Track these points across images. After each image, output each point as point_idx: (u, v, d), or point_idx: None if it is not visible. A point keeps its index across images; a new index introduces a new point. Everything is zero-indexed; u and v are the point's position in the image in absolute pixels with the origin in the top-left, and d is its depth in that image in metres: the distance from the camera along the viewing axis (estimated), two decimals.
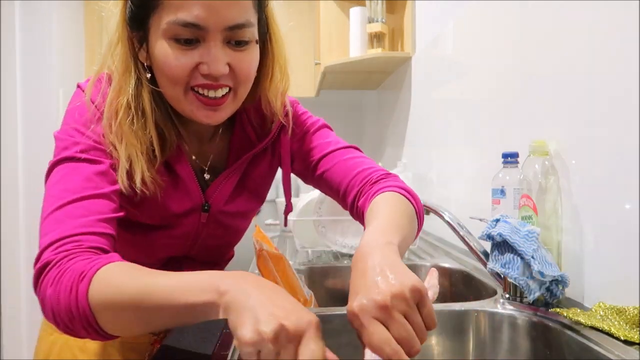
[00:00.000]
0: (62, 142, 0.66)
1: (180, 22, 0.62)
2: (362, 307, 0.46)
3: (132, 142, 0.66)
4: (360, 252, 0.54)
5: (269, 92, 0.76)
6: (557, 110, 0.89)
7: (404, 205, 0.68)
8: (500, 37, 1.13)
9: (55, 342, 0.86)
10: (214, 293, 0.47)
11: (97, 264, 0.54)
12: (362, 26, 2.09)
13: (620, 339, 0.61)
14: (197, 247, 0.84)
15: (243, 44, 0.67)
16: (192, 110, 0.68)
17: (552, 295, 0.77)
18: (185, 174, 0.75)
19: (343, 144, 0.83)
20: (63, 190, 0.62)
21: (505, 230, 0.77)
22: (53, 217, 0.60)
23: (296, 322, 0.43)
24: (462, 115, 1.40)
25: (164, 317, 0.51)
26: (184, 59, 0.64)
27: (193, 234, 0.81)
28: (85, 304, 0.52)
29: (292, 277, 0.90)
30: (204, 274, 0.50)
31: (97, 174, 0.64)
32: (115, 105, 0.67)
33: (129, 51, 0.67)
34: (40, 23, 2.50)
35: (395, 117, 2.30)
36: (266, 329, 0.42)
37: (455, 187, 1.46)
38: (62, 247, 0.56)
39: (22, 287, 2.39)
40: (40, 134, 2.43)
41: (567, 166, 0.84)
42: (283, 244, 1.61)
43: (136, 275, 0.53)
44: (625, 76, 0.70)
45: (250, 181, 0.83)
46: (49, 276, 0.55)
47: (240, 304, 0.45)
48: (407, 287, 0.46)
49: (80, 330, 0.54)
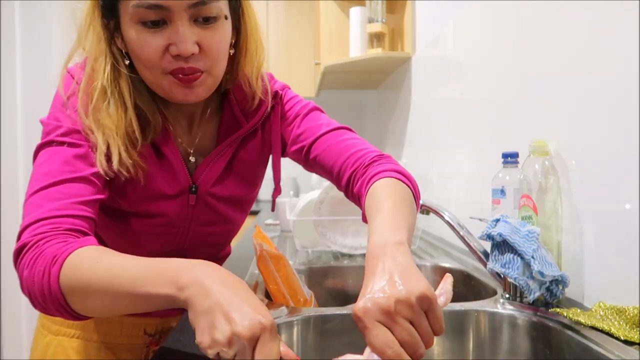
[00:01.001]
0: (46, 127, 0.69)
1: (144, 4, 0.63)
2: (365, 310, 0.46)
3: (109, 125, 0.67)
4: (372, 254, 0.53)
5: (246, 68, 0.76)
6: (557, 110, 0.89)
7: (403, 193, 0.67)
8: (501, 37, 1.13)
9: (49, 343, 0.86)
10: (174, 287, 0.49)
11: (70, 247, 0.56)
12: (362, 26, 2.09)
13: (620, 339, 0.61)
14: (189, 239, 0.83)
15: (211, 20, 0.67)
16: (170, 90, 0.69)
17: (552, 295, 0.77)
18: (171, 155, 0.75)
19: (334, 125, 0.82)
20: (43, 174, 0.64)
21: (505, 230, 0.77)
22: (32, 200, 0.62)
23: (250, 327, 0.44)
24: (462, 115, 1.40)
25: (128, 304, 0.54)
26: (153, 42, 0.65)
27: (183, 218, 0.80)
28: (56, 288, 0.55)
29: (292, 277, 0.90)
30: (170, 263, 0.52)
31: (76, 157, 0.66)
32: (89, 90, 0.68)
33: (102, 38, 0.68)
34: (40, 23, 2.51)
35: (395, 117, 2.30)
36: (220, 336, 0.44)
37: (455, 187, 1.46)
38: (38, 229, 0.59)
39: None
40: (40, 134, 2.43)
41: (567, 166, 0.84)
42: (283, 244, 1.61)
43: (104, 262, 0.55)
44: (626, 76, 0.70)
45: (240, 164, 0.82)
46: (26, 258, 0.57)
47: (197, 305, 0.47)
48: (415, 295, 0.46)
49: (54, 311, 0.57)
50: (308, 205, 1.40)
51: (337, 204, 1.36)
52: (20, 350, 2.41)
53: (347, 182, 0.76)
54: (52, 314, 0.58)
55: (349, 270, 1.29)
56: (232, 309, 0.45)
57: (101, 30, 0.68)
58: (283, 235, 1.79)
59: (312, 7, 2.66)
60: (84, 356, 0.85)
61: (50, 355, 0.85)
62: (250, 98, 0.80)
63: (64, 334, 0.86)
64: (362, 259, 1.36)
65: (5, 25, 2.40)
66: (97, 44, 0.68)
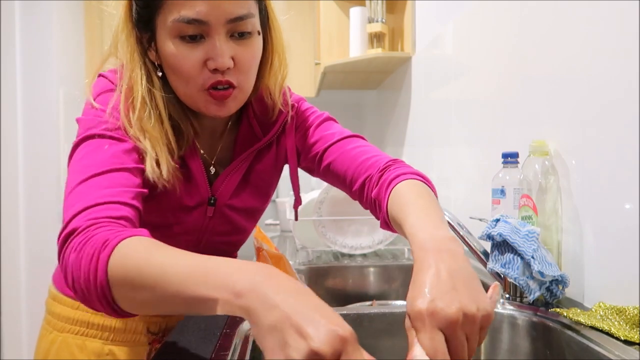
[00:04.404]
0: (86, 123, 0.67)
1: (184, 19, 0.64)
2: (433, 312, 0.45)
3: (154, 134, 0.68)
4: (423, 248, 0.52)
5: (269, 81, 0.78)
6: (557, 110, 0.89)
7: (429, 193, 0.67)
8: (500, 37, 1.13)
9: (54, 340, 0.86)
10: (229, 292, 0.43)
11: (123, 234, 0.52)
12: (362, 26, 2.09)
13: (620, 339, 0.61)
14: (202, 246, 0.84)
15: (246, 35, 0.68)
16: (204, 105, 0.70)
17: (552, 295, 0.77)
18: (195, 167, 0.76)
19: (346, 133, 0.83)
20: (87, 166, 0.61)
21: (505, 230, 0.77)
22: (79, 189, 0.59)
23: (329, 341, 0.38)
24: (462, 115, 1.40)
25: (177, 304, 0.48)
26: (191, 56, 0.66)
27: (199, 228, 0.81)
28: (103, 275, 0.50)
29: (292, 277, 0.90)
30: (224, 264, 0.47)
31: (123, 152, 0.65)
32: (130, 100, 0.68)
33: (137, 50, 0.69)
34: (40, 23, 2.50)
35: (395, 117, 2.30)
36: (297, 355, 0.38)
37: (455, 187, 1.46)
38: (89, 215, 0.55)
39: (22, 287, 2.39)
40: (40, 134, 2.43)
41: (567, 166, 0.84)
42: (283, 244, 1.61)
43: (156, 255, 0.50)
44: (626, 76, 0.70)
45: (255, 176, 0.83)
46: (74, 242, 0.53)
47: (263, 318, 0.41)
48: (482, 313, 0.46)
49: (96, 302, 0.52)
50: (308, 205, 1.40)
51: (337, 204, 1.36)
52: (20, 350, 2.41)
53: (360, 187, 0.76)
54: (94, 305, 0.53)
55: (349, 270, 1.29)
56: (304, 322, 0.39)
57: (135, 42, 0.69)
58: (283, 235, 1.79)
59: (312, 7, 2.66)
60: (88, 354, 0.85)
61: (54, 352, 0.86)
62: (270, 111, 0.81)
63: (68, 331, 0.86)
64: (362, 258, 1.36)
65: (5, 25, 2.40)
66: (132, 56, 0.68)
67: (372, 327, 0.80)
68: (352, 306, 1.06)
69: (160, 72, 0.70)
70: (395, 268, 1.30)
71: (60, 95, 2.53)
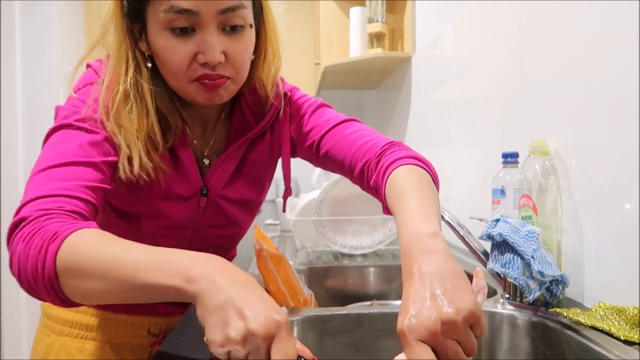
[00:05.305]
0: (63, 112, 0.68)
1: (175, 9, 0.64)
2: (411, 328, 0.45)
3: (129, 129, 0.67)
4: (407, 250, 0.52)
5: (262, 73, 0.77)
6: (557, 110, 0.89)
7: (424, 179, 0.66)
8: (500, 37, 1.13)
9: (52, 344, 0.86)
10: (182, 279, 0.46)
11: (73, 227, 0.53)
12: (362, 26, 2.09)
13: (620, 339, 0.61)
14: (197, 241, 0.83)
15: (238, 29, 0.68)
16: (195, 94, 0.69)
17: (552, 295, 0.77)
18: (186, 158, 0.76)
19: (341, 118, 0.82)
20: (54, 155, 0.62)
21: (505, 230, 0.77)
22: (38, 178, 0.60)
23: (265, 324, 0.42)
24: (462, 115, 1.40)
25: (127, 292, 0.50)
26: (182, 49, 0.66)
27: (193, 220, 0.80)
28: (51, 266, 0.51)
29: (292, 277, 0.90)
30: (178, 254, 0.49)
31: (90, 144, 0.65)
32: (111, 93, 0.68)
33: (126, 41, 0.68)
34: (40, 23, 2.50)
35: (395, 117, 2.30)
36: (233, 334, 0.42)
37: (455, 187, 1.46)
38: (42, 205, 0.56)
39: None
40: (40, 134, 2.41)
41: (567, 166, 0.84)
42: (283, 244, 1.61)
43: (108, 245, 0.52)
44: (626, 76, 0.70)
45: (249, 166, 0.83)
46: (23, 232, 0.54)
47: (209, 299, 0.45)
48: (462, 315, 0.45)
49: (43, 293, 0.53)
50: (308, 205, 1.40)
51: (337, 204, 1.36)
52: (20, 350, 2.41)
53: (359, 173, 0.76)
54: (40, 295, 0.54)
55: (349, 270, 1.29)
56: (246, 305, 0.44)
57: (125, 33, 0.68)
58: (283, 235, 1.79)
59: (312, 7, 2.66)
60: (88, 356, 0.84)
61: (54, 356, 0.85)
62: (263, 102, 0.81)
63: (67, 334, 0.85)
64: (362, 258, 1.36)
65: (5, 25, 2.40)
66: (119, 47, 0.68)
67: (372, 327, 0.80)
68: (352, 306, 1.06)
69: (150, 63, 0.70)
70: (395, 268, 1.30)
71: (60, 95, 2.53)
